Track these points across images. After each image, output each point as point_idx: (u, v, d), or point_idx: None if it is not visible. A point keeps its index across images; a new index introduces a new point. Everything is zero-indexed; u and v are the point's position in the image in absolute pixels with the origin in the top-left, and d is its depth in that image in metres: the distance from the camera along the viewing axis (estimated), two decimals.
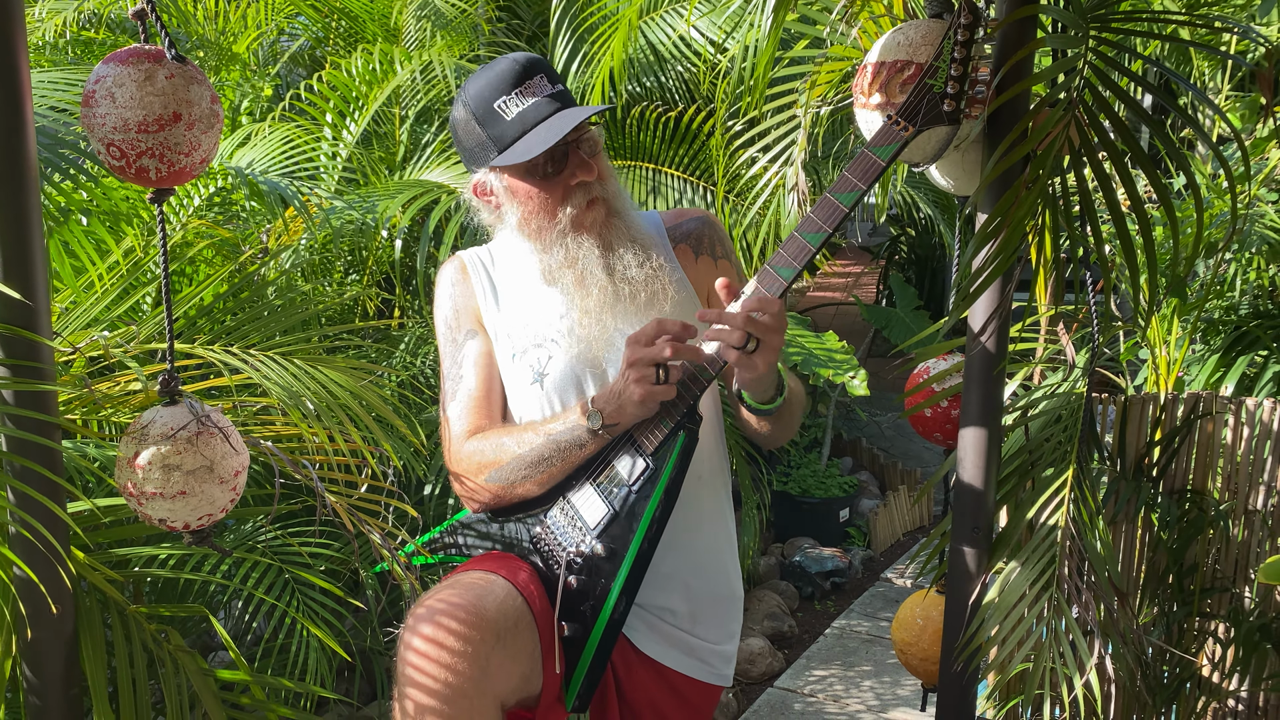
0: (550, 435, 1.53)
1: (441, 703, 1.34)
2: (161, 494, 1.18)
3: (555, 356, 1.60)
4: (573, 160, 1.55)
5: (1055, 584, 1.45)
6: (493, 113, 1.53)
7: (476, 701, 1.36)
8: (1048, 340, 2.06)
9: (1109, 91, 1.12)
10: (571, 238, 1.56)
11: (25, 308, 1.25)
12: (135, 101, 1.08)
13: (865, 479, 5.21)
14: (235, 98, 3.15)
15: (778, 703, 3.36)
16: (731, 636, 1.73)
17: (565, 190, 1.55)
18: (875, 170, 1.36)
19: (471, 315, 1.67)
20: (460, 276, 1.69)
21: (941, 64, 1.29)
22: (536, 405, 1.62)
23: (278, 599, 2.02)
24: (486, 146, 1.54)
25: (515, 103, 1.52)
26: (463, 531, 1.66)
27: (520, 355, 1.62)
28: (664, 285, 1.59)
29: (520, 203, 1.57)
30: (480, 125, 1.54)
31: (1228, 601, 1.95)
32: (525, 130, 1.52)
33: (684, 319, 1.56)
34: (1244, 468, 1.91)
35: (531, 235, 1.59)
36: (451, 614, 1.37)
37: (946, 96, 1.29)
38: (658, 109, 3.28)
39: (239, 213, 2.65)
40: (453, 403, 1.63)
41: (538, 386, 1.60)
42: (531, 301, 1.64)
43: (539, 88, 1.53)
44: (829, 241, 1.41)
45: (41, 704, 1.36)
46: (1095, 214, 1.09)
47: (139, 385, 1.54)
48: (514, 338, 1.63)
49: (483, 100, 1.53)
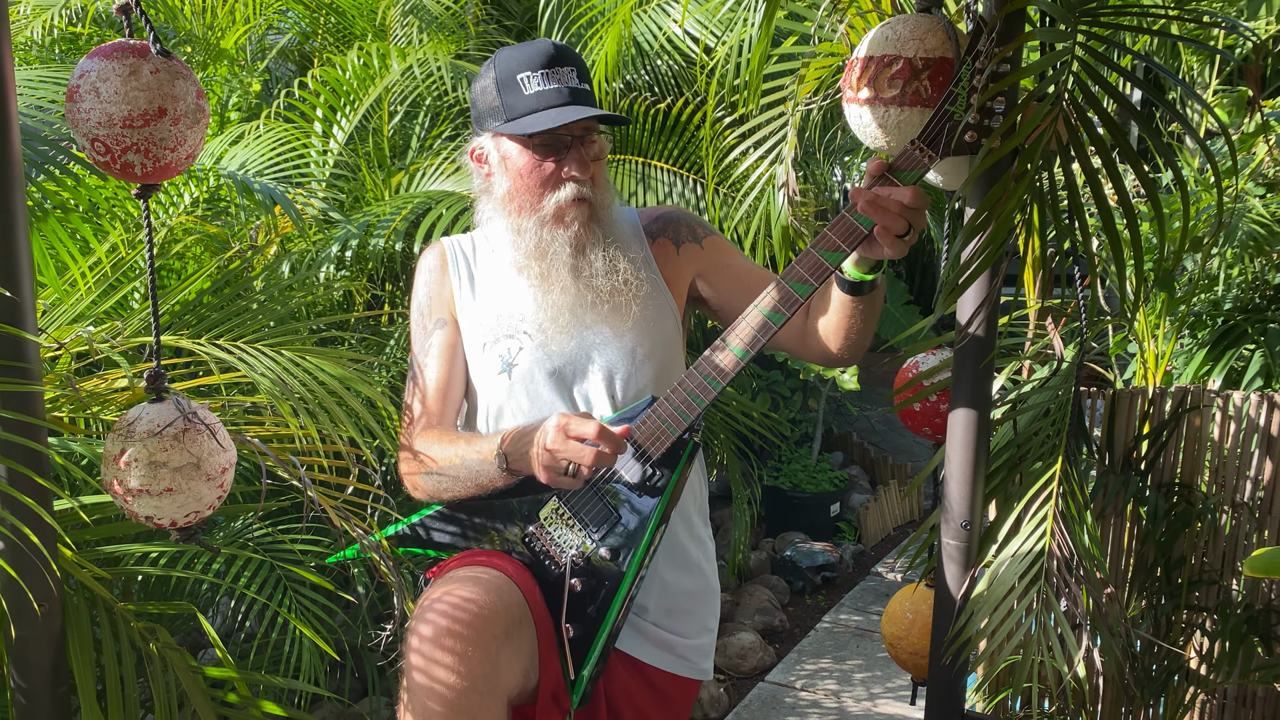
0: (464, 460, 1.54)
1: (456, 697, 1.33)
2: (148, 491, 1.17)
3: (525, 348, 1.61)
4: (573, 155, 1.56)
5: (1044, 577, 1.46)
6: (514, 82, 1.55)
7: (488, 698, 1.35)
8: (1036, 334, 2.07)
9: (1098, 86, 1.12)
10: (548, 229, 1.57)
11: (9, 304, 1.24)
12: (120, 96, 1.07)
13: (856, 473, 5.22)
14: (223, 93, 3.14)
15: (769, 697, 3.37)
16: (708, 631, 1.74)
17: (556, 178, 1.56)
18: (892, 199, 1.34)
19: (444, 304, 1.67)
20: (439, 264, 1.70)
21: (960, 91, 1.27)
22: (505, 394, 1.63)
23: (268, 596, 2.02)
24: (496, 112, 1.57)
25: (538, 81, 1.54)
26: (447, 523, 1.66)
27: (491, 345, 1.63)
28: (629, 300, 1.59)
29: (511, 176, 1.58)
30: (498, 90, 1.56)
31: (1215, 594, 1.96)
32: (538, 109, 1.53)
33: (647, 334, 1.59)
34: (1231, 461, 1.92)
35: (511, 212, 1.60)
36: (462, 609, 1.37)
37: (969, 128, 1.26)
38: (647, 101, 3.27)
39: (227, 209, 2.64)
40: (414, 388, 1.66)
41: (505, 376, 1.62)
42: (505, 291, 1.65)
43: (566, 77, 1.55)
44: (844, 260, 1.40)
45: (28, 703, 1.35)
46: (1082, 208, 1.10)
47: (125, 382, 1.53)
48: (486, 327, 1.64)
49: (509, 69, 1.56)
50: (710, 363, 1.47)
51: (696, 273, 1.70)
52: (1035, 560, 1.48)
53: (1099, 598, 1.48)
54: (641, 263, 1.64)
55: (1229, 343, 2.38)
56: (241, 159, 2.51)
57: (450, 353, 1.66)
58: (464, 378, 1.68)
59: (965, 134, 1.27)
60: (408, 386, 1.67)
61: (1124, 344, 2.71)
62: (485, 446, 1.54)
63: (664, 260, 1.68)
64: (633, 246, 1.65)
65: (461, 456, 1.55)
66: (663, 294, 1.66)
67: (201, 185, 2.46)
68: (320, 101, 2.86)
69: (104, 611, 1.49)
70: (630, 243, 1.65)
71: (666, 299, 1.66)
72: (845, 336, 1.55)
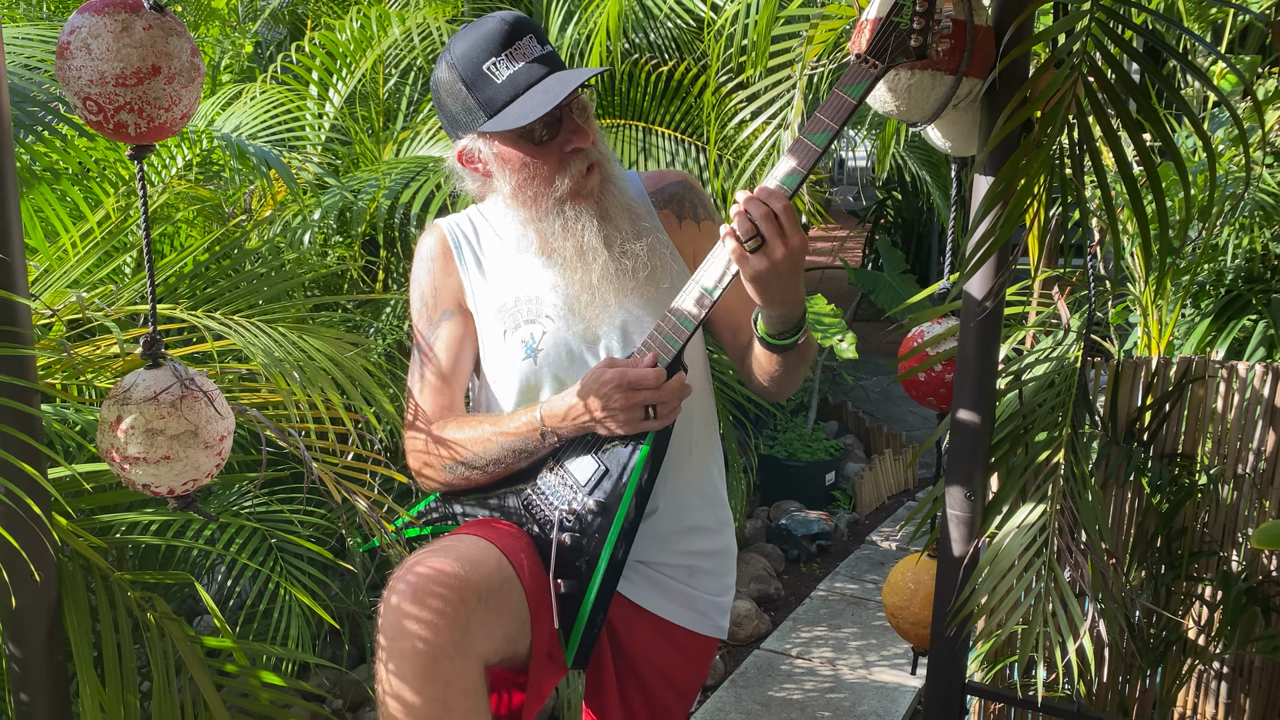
0: (503, 443, 1.54)
1: (423, 664, 1.33)
2: (145, 459, 1.15)
3: (549, 332, 1.57)
4: (567, 125, 1.50)
5: (1048, 548, 1.45)
6: (482, 75, 1.47)
7: (458, 662, 1.35)
8: (1040, 304, 2.05)
9: (1116, 47, 1.09)
10: (570, 206, 1.52)
11: (1, 265, 1.21)
12: (112, 54, 1.04)
13: (850, 443, 5.23)
14: (215, 55, 3.08)
15: (765, 664, 3.38)
16: (728, 589, 1.75)
17: (561, 157, 1.50)
18: (847, 109, 1.34)
19: (451, 294, 1.63)
20: (441, 250, 1.64)
21: (906, 1, 1.28)
22: (532, 379, 1.59)
23: (262, 564, 2.01)
24: (474, 111, 1.49)
25: (505, 65, 1.46)
26: (457, 501, 1.64)
27: (512, 331, 1.59)
28: (663, 259, 1.56)
29: (514, 171, 1.52)
30: (468, 88, 1.48)
31: (1215, 565, 1.96)
32: (517, 94, 1.46)
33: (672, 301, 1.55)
34: (1234, 432, 1.91)
35: (525, 204, 1.54)
36: (431, 578, 1.36)
37: (913, 32, 1.28)
38: (649, 64, 3.21)
39: (220, 173, 2.60)
40: (420, 383, 1.62)
41: (530, 361, 1.58)
42: (520, 274, 1.60)
43: (529, 49, 1.48)
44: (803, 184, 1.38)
45: (23, 672, 1.34)
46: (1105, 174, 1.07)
47: (119, 348, 1.51)
48: (505, 313, 1.60)
49: (471, 62, 1.47)
50: (678, 310, 1.46)
51: (690, 254, 1.67)
52: (1040, 531, 1.47)
53: (1104, 568, 1.47)
54: (655, 226, 1.62)
55: (1232, 313, 2.37)
56: (235, 121, 2.46)
57: (458, 345, 1.62)
58: (471, 369, 1.65)
59: (910, 38, 1.28)
60: (413, 378, 1.63)
61: (1124, 314, 2.69)
62: (519, 425, 1.53)
63: (669, 230, 1.66)
64: (645, 211, 1.62)
65: (500, 438, 1.54)
66: (678, 262, 1.64)
67: (195, 148, 2.42)
68: (316, 64, 2.81)
69: (99, 580, 1.47)
70: (640, 207, 1.62)
71: (683, 266, 1.64)
72: (770, 378, 1.58)
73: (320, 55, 2.79)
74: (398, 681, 1.35)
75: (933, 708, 1.63)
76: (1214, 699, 2.06)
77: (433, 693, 1.34)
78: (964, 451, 1.53)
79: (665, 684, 1.70)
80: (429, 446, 1.58)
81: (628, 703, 1.69)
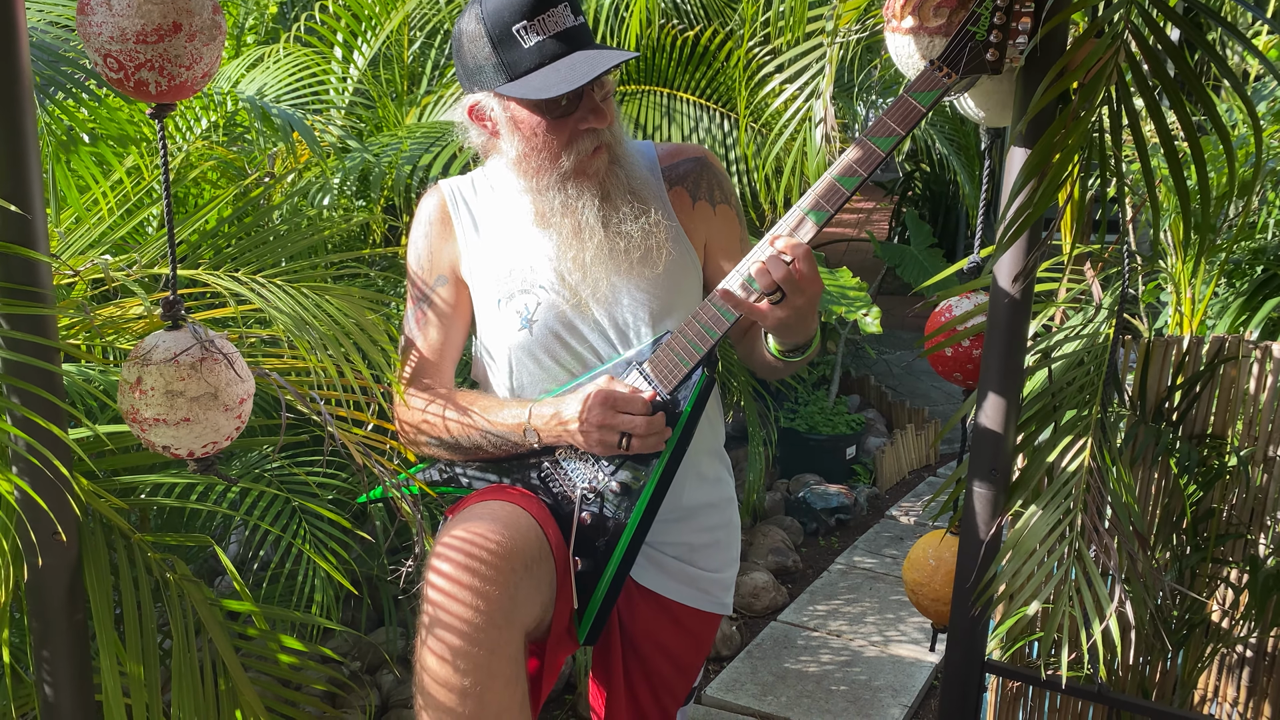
0: (483, 431, 1.56)
1: (475, 632, 1.33)
2: (165, 420, 1.15)
3: (544, 303, 1.57)
4: (586, 103, 1.48)
5: (1075, 527, 1.43)
6: (510, 36, 1.44)
7: (506, 631, 1.35)
8: (1071, 280, 2.01)
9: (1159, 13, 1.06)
10: (572, 184, 1.51)
11: (22, 222, 1.20)
12: (133, 9, 1.03)
13: (872, 417, 5.19)
14: (239, 15, 3.06)
15: (781, 636, 3.38)
16: (731, 564, 1.74)
17: (573, 133, 1.48)
18: (915, 116, 1.33)
19: (448, 262, 1.62)
20: (440, 215, 1.63)
21: (984, 11, 1.24)
22: (524, 349, 1.59)
23: (284, 529, 2.01)
24: (496, 70, 1.46)
25: (536, 31, 1.43)
26: (466, 465, 1.64)
27: (506, 301, 1.58)
28: (659, 242, 1.55)
29: (523, 138, 1.49)
30: (494, 46, 1.45)
31: (1242, 548, 1.93)
32: (542, 63, 1.44)
33: (673, 282, 1.57)
34: (1266, 414, 1.87)
35: (528, 174, 1.52)
36: (482, 544, 1.36)
37: (990, 46, 1.26)
38: (674, 29, 3.16)
39: (244, 134, 2.59)
40: (410, 350, 1.63)
41: (526, 332, 1.57)
42: (518, 243, 1.59)
43: (562, 18, 1.45)
44: (859, 188, 1.40)
45: (44, 628, 1.35)
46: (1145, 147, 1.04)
47: (141, 309, 1.50)
48: (500, 282, 1.59)
49: (501, 21, 1.44)
50: (722, 294, 1.46)
51: (701, 237, 1.65)
52: (1066, 511, 1.45)
53: (1132, 549, 1.45)
54: (661, 207, 1.59)
55: (1269, 293, 2.32)
56: (259, 84, 2.45)
57: (452, 313, 1.62)
58: (465, 336, 1.65)
59: (987, 53, 1.26)
60: (405, 340, 1.63)
61: (1155, 292, 2.65)
62: (506, 418, 1.54)
63: (680, 209, 1.62)
64: (651, 187, 1.59)
65: (479, 428, 1.56)
66: (684, 242, 1.61)
67: (219, 110, 2.41)
68: (341, 25, 2.78)
69: (121, 541, 1.48)
70: (649, 183, 1.59)
71: (688, 247, 1.61)
72: (769, 370, 1.68)
73: (345, 16, 2.77)
74: (442, 647, 1.35)
75: (951, 685, 1.62)
76: (1235, 682, 2.03)
77: (478, 659, 1.34)
78: (990, 429, 1.50)
79: (665, 659, 1.70)
80: (418, 417, 1.60)
81: (629, 675, 1.70)
